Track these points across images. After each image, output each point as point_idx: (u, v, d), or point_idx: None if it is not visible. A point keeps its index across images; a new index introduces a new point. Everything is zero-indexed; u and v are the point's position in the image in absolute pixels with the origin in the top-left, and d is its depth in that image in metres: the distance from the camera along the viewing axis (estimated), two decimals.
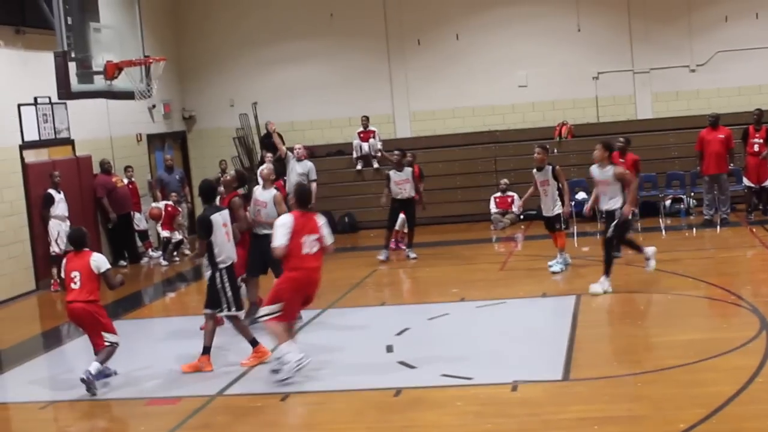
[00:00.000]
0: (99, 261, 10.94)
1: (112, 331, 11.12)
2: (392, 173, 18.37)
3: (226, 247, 11.27)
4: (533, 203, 22.33)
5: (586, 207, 15.11)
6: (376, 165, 23.61)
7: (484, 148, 23.42)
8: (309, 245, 10.54)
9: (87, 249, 11.06)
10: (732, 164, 20.04)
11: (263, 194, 13.38)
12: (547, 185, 15.69)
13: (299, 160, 19.23)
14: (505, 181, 22.53)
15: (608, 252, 14.05)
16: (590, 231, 19.39)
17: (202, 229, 11.27)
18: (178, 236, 21.25)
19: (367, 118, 23.67)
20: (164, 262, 20.85)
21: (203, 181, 12.19)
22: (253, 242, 13.34)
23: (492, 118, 24.09)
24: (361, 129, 23.74)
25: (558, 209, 15.77)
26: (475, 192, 22.84)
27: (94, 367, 10.72)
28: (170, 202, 21.27)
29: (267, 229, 12.54)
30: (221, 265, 11.22)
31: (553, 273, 15.74)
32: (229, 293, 11.28)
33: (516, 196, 22.29)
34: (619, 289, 14.04)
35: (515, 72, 23.92)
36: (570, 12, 23.69)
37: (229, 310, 11.35)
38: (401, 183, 18.29)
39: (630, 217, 14.37)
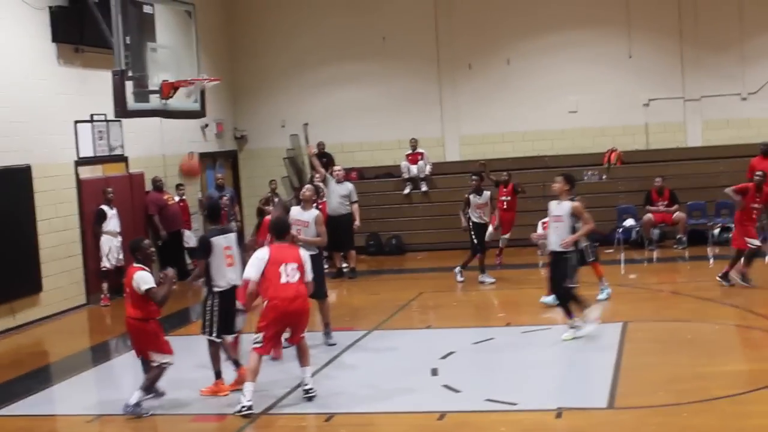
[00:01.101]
0: (139, 280, 10.54)
1: (163, 351, 10.80)
2: (472, 197, 18.23)
3: (223, 271, 11.11)
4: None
5: (533, 236, 14.96)
6: (424, 188, 23.69)
7: (533, 173, 23.40)
8: (288, 274, 10.36)
9: (136, 265, 10.77)
10: None
11: (303, 214, 13.37)
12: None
13: (339, 182, 19.35)
14: None
15: (566, 297, 13.25)
16: (638, 258, 19.36)
17: (200, 249, 11.23)
18: None
19: (416, 141, 23.78)
20: None
21: (209, 199, 12.22)
22: None
23: (541, 144, 24.08)
24: (410, 151, 23.85)
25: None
26: (522, 217, 22.76)
27: (135, 397, 10.57)
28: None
29: (312, 249, 12.60)
30: (215, 289, 11.09)
31: (599, 301, 15.62)
32: (215, 317, 11.13)
33: None
34: (666, 318, 13.98)
35: (565, 97, 23.90)
36: (621, 38, 23.65)
37: (210, 334, 11.19)
38: (480, 207, 18.25)
39: (579, 247, 13.48)
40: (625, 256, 19.39)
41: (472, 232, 18.18)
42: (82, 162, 18.83)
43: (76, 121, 18.70)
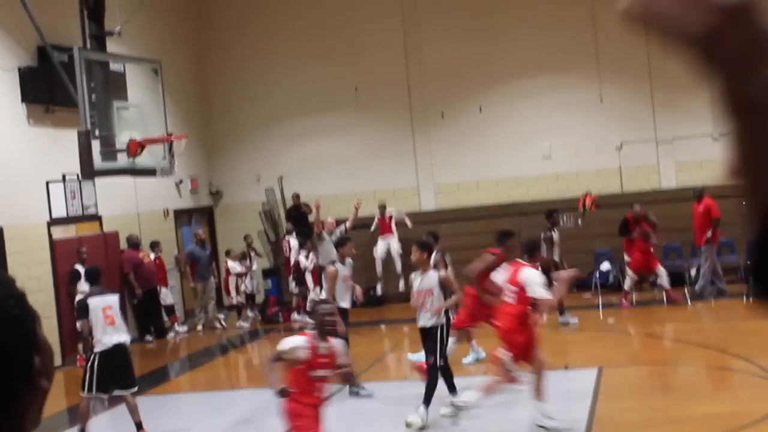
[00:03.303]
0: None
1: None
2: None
3: (102, 330, 11.67)
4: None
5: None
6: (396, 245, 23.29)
7: (510, 220, 23.35)
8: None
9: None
10: None
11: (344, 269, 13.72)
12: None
13: (330, 233, 19.30)
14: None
15: (434, 380, 11.71)
16: (615, 302, 19.34)
17: (78, 310, 12.15)
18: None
19: (383, 206, 23.20)
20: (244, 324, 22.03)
21: (90, 267, 13.05)
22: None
23: (516, 190, 24.12)
24: (378, 216, 23.32)
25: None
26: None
27: None
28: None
29: None
30: (96, 348, 11.69)
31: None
32: (94, 376, 11.63)
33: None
34: (642, 362, 13.95)
35: (539, 143, 23.99)
36: (592, 82, 23.78)
37: (86, 392, 11.72)
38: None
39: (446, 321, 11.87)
40: (603, 300, 19.35)
41: None
42: (54, 222, 18.77)
43: (48, 181, 18.67)
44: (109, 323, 11.65)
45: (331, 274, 13.42)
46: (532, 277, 10.81)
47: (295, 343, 8.39)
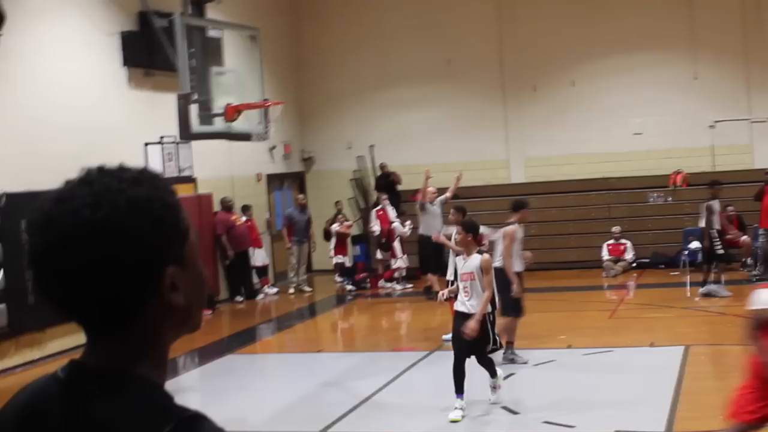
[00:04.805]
0: None
1: None
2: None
3: None
4: (647, 251, 22.33)
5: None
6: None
7: (598, 195, 23.36)
8: None
9: None
10: None
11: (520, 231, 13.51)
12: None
13: (431, 202, 19.45)
14: (617, 228, 22.46)
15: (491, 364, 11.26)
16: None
17: None
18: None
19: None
20: (350, 287, 22.23)
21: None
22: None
23: (606, 166, 23.99)
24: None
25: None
26: (588, 239, 22.80)
27: None
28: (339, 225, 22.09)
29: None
30: None
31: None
32: None
33: (629, 244, 22.24)
34: (730, 342, 13.88)
35: (631, 119, 23.81)
36: (687, 60, 23.52)
37: None
38: None
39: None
40: (691, 278, 19.26)
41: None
42: None
43: (147, 143, 19.10)
44: None
45: (510, 233, 13.12)
46: None
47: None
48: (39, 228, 1.79)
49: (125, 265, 1.74)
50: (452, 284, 14.59)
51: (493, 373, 11.13)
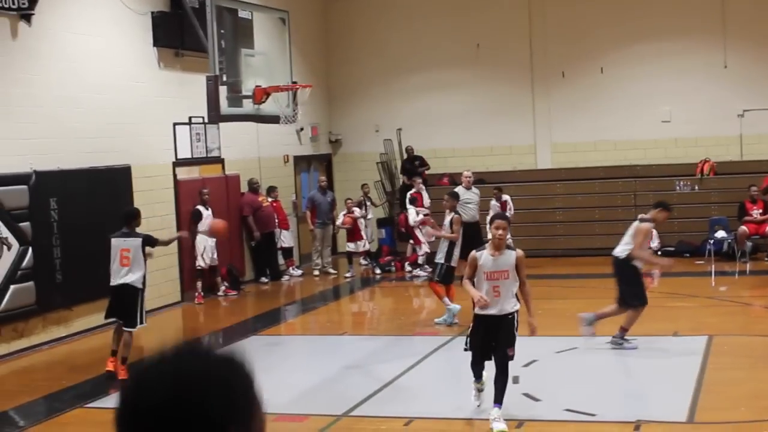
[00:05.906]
0: None
1: None
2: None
3: (116, 269, 12.87)
4: (672, 240, 22.27)
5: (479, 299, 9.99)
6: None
7: (624, 182, 23.29)
8: None
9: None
10: None
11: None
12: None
13: (467, 188, 19.38)
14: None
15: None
16: (729, 270, 19.18)
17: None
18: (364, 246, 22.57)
19: (500, 190, 22.16)
20: (378, 271, 22.41)
21: (128, 208, 13.80)
22: None
23: (633, 153, 23.92)
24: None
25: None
26: (613, 226, 22.65)
27: None
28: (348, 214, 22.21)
29: None
30: (111, 282, 12.98)
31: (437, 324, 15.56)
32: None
33: (655, 232, 22.14)
34: (754, 333, 13.87)
35: (659, 107, 23.71)
36: (717, 48, 23.38)
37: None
38: None
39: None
40: (716, 267, 19.22)
41: None
42: (179, 163, 19.34)
43: (175, 123, 19.21)
44: (123, 264, 12.80)
45: (645, 230, 14.10)
46: None
47: None
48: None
49: None
50: (442, 268, 14.83)
51: (503, 384, 9.99)
